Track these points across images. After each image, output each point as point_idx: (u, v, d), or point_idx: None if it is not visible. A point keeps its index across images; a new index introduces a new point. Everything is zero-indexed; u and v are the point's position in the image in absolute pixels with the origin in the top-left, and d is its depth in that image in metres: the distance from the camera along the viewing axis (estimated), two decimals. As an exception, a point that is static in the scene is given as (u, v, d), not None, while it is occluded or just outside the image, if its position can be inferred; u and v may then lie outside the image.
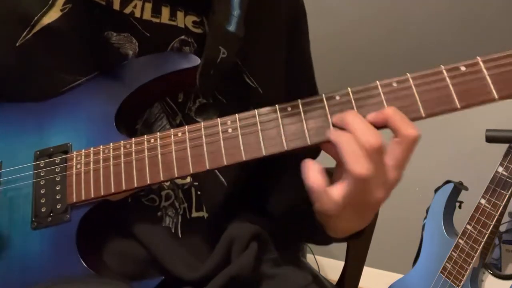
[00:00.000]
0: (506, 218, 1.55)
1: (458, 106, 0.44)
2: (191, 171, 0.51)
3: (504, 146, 1.29)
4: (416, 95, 0.45)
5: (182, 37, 0.61)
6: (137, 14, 0.59)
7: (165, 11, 0.60)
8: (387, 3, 1.72)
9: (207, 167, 0.50)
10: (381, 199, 0.46)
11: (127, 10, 0.59)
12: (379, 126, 0.46)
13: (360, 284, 0.92)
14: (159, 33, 0.60)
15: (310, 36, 0.73)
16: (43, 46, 0.57)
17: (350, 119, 0.46)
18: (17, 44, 0.56)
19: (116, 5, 0.59)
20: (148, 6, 0.59)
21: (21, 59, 0.57)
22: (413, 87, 0.46)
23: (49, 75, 0.58)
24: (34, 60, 0.57)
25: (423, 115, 0.45)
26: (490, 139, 1.32)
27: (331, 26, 1.84)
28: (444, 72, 0.45)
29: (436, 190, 1.52)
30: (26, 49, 0.56)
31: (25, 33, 0.56)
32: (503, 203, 1.26)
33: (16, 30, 0.56)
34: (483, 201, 1.30)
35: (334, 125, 0.47)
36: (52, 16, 0.56)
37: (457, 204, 1.49)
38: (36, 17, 0.56)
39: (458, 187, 1.47)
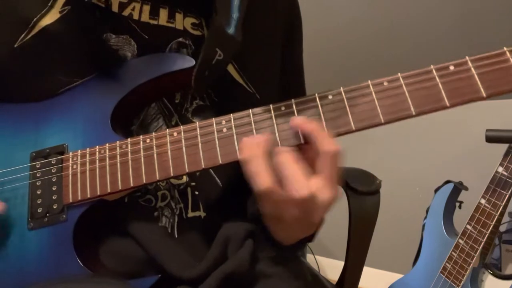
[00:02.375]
0: (506, 218, 1.55)
1: (448, 104, 0.45)
2: (187, 170, 0.51)
3: (504, 146, 1.28)
4: (407, 93, 0.46)
5: (180, 39, 0.61)
6: (135, 17, 0.59)
7: (163, 13, 0.60)
8: (383, 3, 1.72)
9: (203, 166, 0.51)
10: (319, 217, 0.49)
11: (126, 13, 0.59)
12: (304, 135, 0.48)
13: (360, 284, 0.92)
14: (157, 35, 0.60)
15: (305, 34, 0.73)
16: (42, 48, 0.57)
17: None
18: (16, 46, 0.56)
19: (115, 7, 0.59)
20: (146, 8, 0.60)
21: (19, 61, 0.57)
22: (404, 86, 0.46)
23: (47, 77, 0.59)
24: (32, 61, 0.58)
25: (414, 113, 0.46)
26: (490, 139, 1.32)
27: (326, 26, 1.85)
28: (434, 71, 0.46)
29: (436, 190, 1.51)
30: (25, 51, 0.57)
31: (23, 34, 0.56)
32: (503, 203, 1.25)
33: (15, 32, 0.56)
34: (483, 201, 1.29)
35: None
36: (51, 17, 0.56)
37: (457, 204, 1.48)
38: (35, 19, 0.56)
39: (458, 187, 1.46)
